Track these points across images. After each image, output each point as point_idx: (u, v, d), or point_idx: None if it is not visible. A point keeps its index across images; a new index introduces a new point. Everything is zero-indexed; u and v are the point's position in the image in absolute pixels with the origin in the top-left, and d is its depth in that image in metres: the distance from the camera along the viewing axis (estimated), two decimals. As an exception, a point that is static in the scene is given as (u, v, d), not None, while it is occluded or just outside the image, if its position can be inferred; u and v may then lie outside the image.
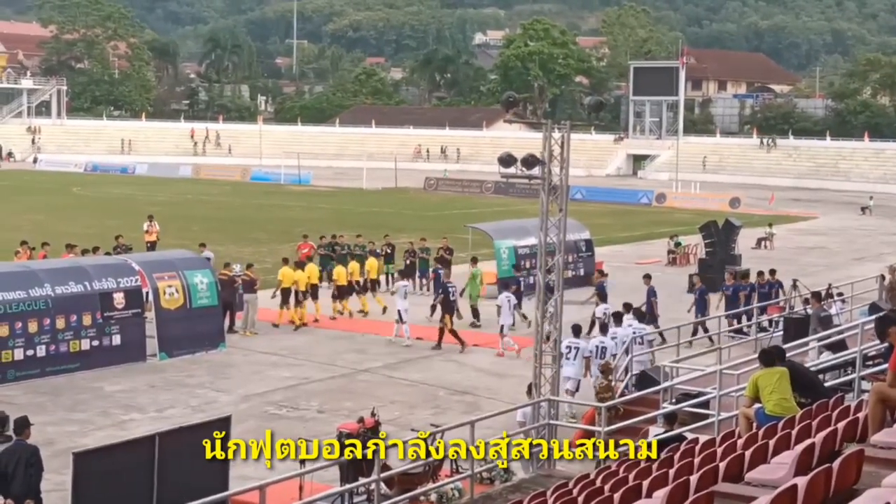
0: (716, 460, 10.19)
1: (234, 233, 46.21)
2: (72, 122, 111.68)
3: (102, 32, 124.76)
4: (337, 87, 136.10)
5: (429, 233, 39.38)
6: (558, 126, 18.33)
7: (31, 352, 22.39)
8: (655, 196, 73.10)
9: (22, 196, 65.17)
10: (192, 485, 12.65)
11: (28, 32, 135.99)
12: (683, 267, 39.81)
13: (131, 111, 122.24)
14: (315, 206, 63.31)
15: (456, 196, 74.28)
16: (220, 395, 21.71)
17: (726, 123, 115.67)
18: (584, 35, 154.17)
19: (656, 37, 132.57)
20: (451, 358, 25.47)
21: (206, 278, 26.10)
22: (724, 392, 16.01)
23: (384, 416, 17.16)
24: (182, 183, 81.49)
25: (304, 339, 27.13)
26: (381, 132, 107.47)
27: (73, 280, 23.63)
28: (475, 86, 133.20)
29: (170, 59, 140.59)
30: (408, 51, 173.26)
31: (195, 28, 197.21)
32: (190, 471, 13.24)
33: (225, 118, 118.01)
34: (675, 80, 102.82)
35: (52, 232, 39.23)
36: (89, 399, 21.14)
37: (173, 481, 12.96)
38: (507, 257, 33.85)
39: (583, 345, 20.79)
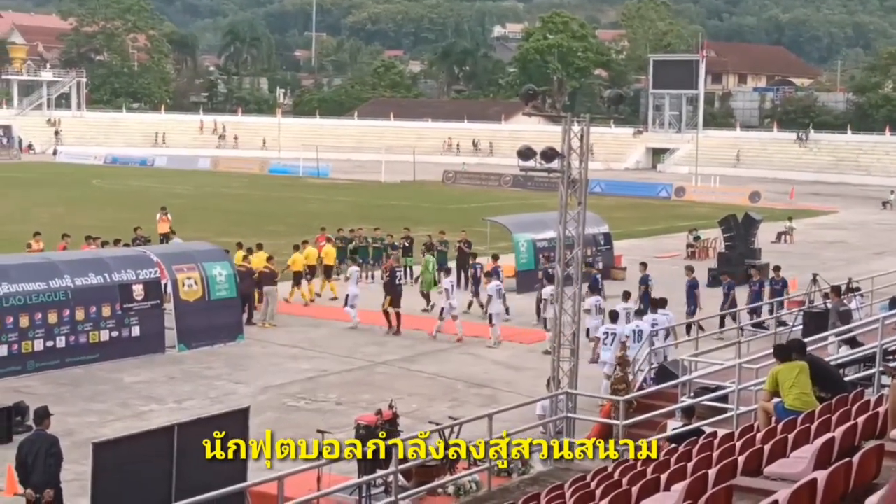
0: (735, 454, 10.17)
1: (253, 225, 46.29)
2: (91, 114, 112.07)
3: (122, 25, 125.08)
4: (355, 79, 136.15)
5: (448, 226, 39.38)
6: (577, 119, 18.29)
7: (50, 343, 22.51)
8: (675, 190, 72.87)
9: (42, 188, 65.47)
10: (210, 475, 12.69)
11: (48, 25, 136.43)
12: (703, 261, 39.67)
13: (150, 104, 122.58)
14: (333, 198, 63.38)
15: (475, 189, 74.24)
16: (239, 386, 21.78)
17: (746, 117, 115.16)
18: (604, 28, 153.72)
19: (676, 30, 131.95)
20: (468, 351, 25.48)
21: (225, 270, 26.17)
22: (743, 386, 15.97)
23: (402, 408, 17.18)
24: (201, 175, 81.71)
25: (322, 332, 27.17)
26: (400, 125, 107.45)
27: (92, 272, 23.74)
28: (494, 79, 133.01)
29: (189, 52, 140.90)
30: (426, 43, 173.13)
31: (214, 20, 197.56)
32: (208, 462, 13.27)
33: (244, 111, 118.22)
34: (695, 73, 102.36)
35: (72, 224, 39.39)
36: (109, 390, 21.24)
37: (192, 472, 13.00)
38: (526, 251, 33.82)
39: (619, 330, 21.21)
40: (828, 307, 22.65)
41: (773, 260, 38.15)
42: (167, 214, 39.05)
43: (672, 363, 19.76)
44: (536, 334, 26.49)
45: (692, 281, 28.51)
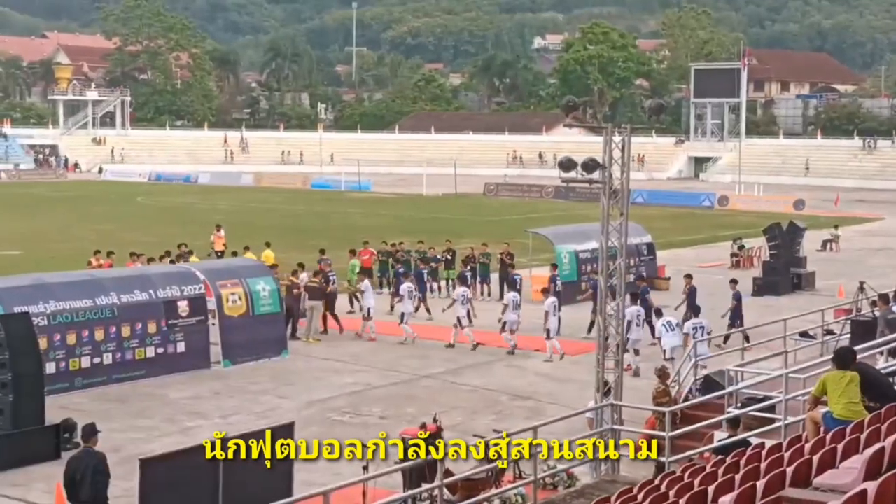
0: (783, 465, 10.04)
1: (297, 240, 46.50)
2: (136, 132, 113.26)
3: (165, 43, 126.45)
4: (396, 93, 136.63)
5: (489, 238, 39.35)
6: (619, 129, 18.22)
7: (97, 359, 22.69)
8: (718, 198, 72.39)
9: (88, 206, 66.20)
10: (257, 490, 12.74)
11: (92, 45, 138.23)
12: (747, 270, 39.38)
13: (194, 121, 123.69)
14: (375, 212, 63.56)
15: (516, 201, 74.17)
16: (284, 401, 21.84)
17: (789, 124, 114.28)
18: (644, 37, 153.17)
19: (717, 38, 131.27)
20: (512, 363, 25.42)
21: (269, 285, 26.30)
22: (790, 396, 15.79)
23: (446, 421, 17.16)
24: (244, 191, 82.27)
25: (365, 346, 27.21)
26: (441, 138, 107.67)
27: (138, 288, 23.93)
28: (534, 90, 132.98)
29: (231, 69, 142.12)
30: (466, 56, 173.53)
31: (256, 37, 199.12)
32: (254, 476, 13.32)
33: (286, 126, 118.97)
34: (737, 81, 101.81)
35: (118, 241, 39.76)
36: (155, 406, 21.38)
37: (238, 487, 13.06)
38: (569, 262, 33.71)
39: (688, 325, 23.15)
40: (875, 315, 22.38)
41: (820, 268, 37.89)
42: (221, 232, 39.39)
43: (718, 373, 19.58)
44: (580, 346, 26.36)
45: (736, 294, 28.26)
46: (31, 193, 75.62)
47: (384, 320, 28.97)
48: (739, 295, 28.32)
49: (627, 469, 16.24)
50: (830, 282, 35.74)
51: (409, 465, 14.13)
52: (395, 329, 27.88)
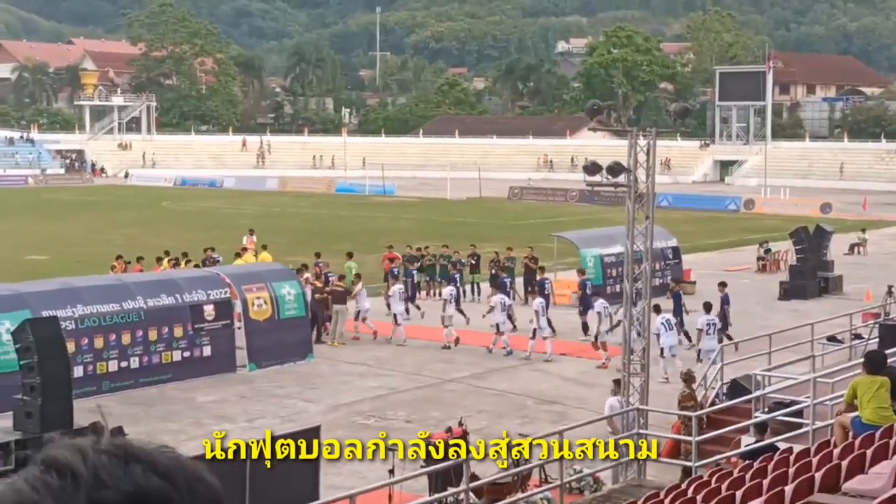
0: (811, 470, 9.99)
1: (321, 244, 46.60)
2: (161, 137, 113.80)
3: (190, 49, 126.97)
4: (420, 97, 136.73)
5: (514, 242, 39.32)
6: (643, 133, 18.19)
7: (124, 363, 22.82)
8: (743, 202, 72.06)
9: (114, 211, 66.57)
10: (283, 494, 12.77)
11: (118, 50, 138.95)
12: (774, 274, 39.20)
13: (218, 126, 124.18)
14: (400, 216, 63.62)
15: (540, 205, 74.08)
16: (309, 405, 21.89)
17: (815, 127, 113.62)
18: (669, 41, 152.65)
19: (742, 41, 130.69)
20: (538, 367, 25.38)
21: (294, 289, 26.37)
22: (818, 400, 15.71)
23: (472, 425, 17.16)
24: (268, 196, 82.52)
25: (391, 350, 27.24)
26: (464, 142, 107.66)
27: (164, 292, 24.05)
28: (558, 94, 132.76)
29: (255, 74, 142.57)
30: (490, 60, 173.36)
31: (280, 42, 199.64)
32: (281, 480, 13.35)
33: (310, 131, 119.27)
34: (763, 84, 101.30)
35: (144, 245, 39.98)
36: (181, 409, 21.47)
37: (265, 490, 13.09)
38: (594, 266, 33.65)
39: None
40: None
41: (847, 271, 37.67)
42: (254, 237, 39.53)
43: (745, 378, 19.51)
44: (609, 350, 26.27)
45: (724, 296, 28.08)
46: (59, 198, 76.11)
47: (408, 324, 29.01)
48: (727, 297, 28.07)
49: (654, 473, 16.20)
50: (858, 285, 35.53)
51: (434, 469, 14.13)
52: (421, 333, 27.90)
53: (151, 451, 1.46)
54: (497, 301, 27.32)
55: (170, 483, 1.43)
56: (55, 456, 1.42)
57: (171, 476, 1.44)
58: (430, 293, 34.10)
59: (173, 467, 1.45)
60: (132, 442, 1.47)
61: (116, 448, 1.44)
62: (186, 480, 1.45)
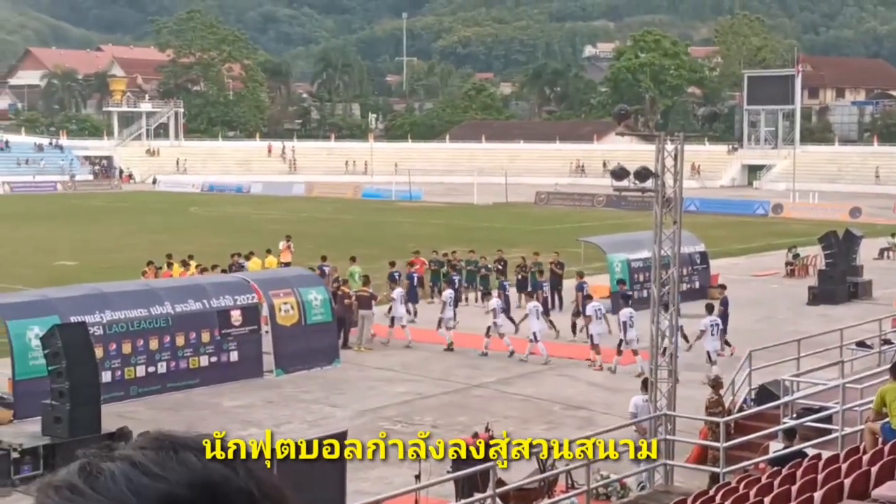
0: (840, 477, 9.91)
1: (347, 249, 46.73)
2: (189, 143, 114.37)
3: (217, 55, 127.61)
4: (446, 103, 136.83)
5: (541, 247, 39.26)
6: (671, 138, 18.12)
7: (152, 368, 22.93)
8: (772, 206, 71.66)
9: (142, 216, 66.93)
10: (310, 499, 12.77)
11: (146, 57, 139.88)
12: (802, 279, 38.95)
13: (246, 132, 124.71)
14: (426, 221, 63.65)
15: (567, 210, 73.92)
16: (336, 410, 21.91)
17: (845, 131, 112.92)
18: (697, 45, 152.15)
19: (771, 45, 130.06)
20: (564, 373, 25.31)
21: (321, 295, 26.42)
22: (847, 406, 15.58)
23: (498, 431, 17.11)
24: (295, 201, 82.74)
25: (417, 355, 27.24)
26: (491, 147, 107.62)
27: (192, 298, 24.15)
28: (585, 99, 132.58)
29: (282, 80, 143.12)
30: (517, 65, 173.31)
31: (307, 48, 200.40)
32: (308, 485, 13.36)
33: (336, 136, 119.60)
34: (791, 88, 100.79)
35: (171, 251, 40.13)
36: (208, 414, 21.54)
37: (291, 496, 13.09)
38: (621, 271, 33.54)
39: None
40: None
41: (877, 276, 37.39)
42: (290, 242, 39.58)
43: (773, 383, 19.38)
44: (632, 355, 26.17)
45: (724, 299, 27.93)
46: (87, 204, 76.61)
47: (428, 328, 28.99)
48: (727, 300, 27.90)
49: (681, 479, 16.12)
50: (888, 291, 35.25)
51: (461, 475, 14.10)
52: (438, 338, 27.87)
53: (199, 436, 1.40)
54: (530, 308, 27.34)
55: (231, 469, 1.36)
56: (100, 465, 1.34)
57: (230, 461, 1.37)
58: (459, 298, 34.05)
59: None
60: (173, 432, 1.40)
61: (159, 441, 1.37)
62: (245, 465, 1.38)
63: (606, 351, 25.71)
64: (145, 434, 1.40)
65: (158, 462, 1.33)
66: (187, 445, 1.36)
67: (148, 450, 1.35)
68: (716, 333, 24.81)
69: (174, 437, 1.37)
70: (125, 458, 1.35)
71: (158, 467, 1.32)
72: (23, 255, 46.26)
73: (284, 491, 1.42)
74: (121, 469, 1.33)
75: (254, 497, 1.36)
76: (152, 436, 1.38)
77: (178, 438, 1.37)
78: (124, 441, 8.16)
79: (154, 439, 1.37)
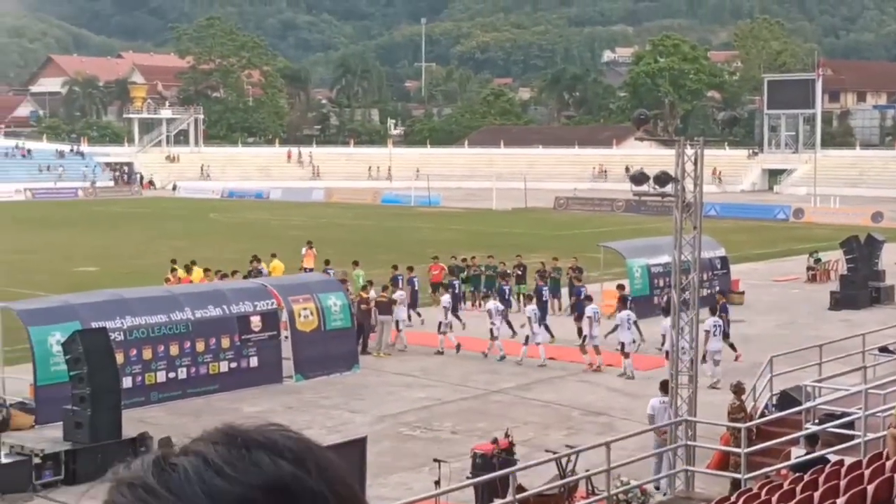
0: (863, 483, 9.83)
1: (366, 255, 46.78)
2: (208, 149, 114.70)
3: (237, 62, 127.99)
4: (465, 108, 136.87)
5: (560, 252, 39.19)
6: (691, 142, 18.06)
7: (172, 374, 22.99)
8: (793, 211, 71.37)
9: (162, 223, 67.16)
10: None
11: (166, 64, 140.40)
12: (824, 283, 38.75)
13: (265, 138, 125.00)
14: (445, 227, 63.63)
15: (587, 215, 73.80)
16: (355, 415, 21.91)
17: (866, 135, 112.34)
18: (716, 49, 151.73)
19: (791, 49, 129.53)
20: (584, 378, 25.25)
21: (340, 300, 26.44)
22: (870, 412, 15.48)
23: (518, 437, 17.09)
24: (315, 207, 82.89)
25: (436, 360, 27.22)
26: (510, 152, 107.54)
27: (211, 304, 24.20)
28: (604, 104, 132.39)
29: (302, 86, 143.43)
30: (535, 70, 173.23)
31: (326, 54, 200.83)
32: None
33: (355, 142, 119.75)
34: (812, 92, 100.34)
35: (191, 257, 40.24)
36: (228, 420, 21.49)
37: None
38: (640, 276, 33.45)
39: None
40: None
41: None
42: (313, 248, 39.65)
43: (795, 389, 19.29)
44: (653, 361, 26.11)
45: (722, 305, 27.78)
46: (108, 211, 76.95)
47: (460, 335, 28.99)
48: (725, 306, 27.77)
49: (702, 485, 16.05)
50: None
51: (480, 480, 14.08)
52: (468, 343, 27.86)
53: (270, 433, 1.34)
54: (530, 312, 27.47)
55: (303, 469, 1.30)
56: (173, 461, 1.30)
57: (302, 460, 1.31)
58: (476, 304, 34.03)
59: (301, 450, 1.32)
60: (244, 426, 1.34)
61: (231, 437, 1.32)
62: (317, 463, 1.31)
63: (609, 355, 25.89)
64: (218, 427, 1.37)
65: (230, 461, 1.29)
66: (259, 443, 1.32)
67: (220, 445, 1.31)
68: (717, 334, 24.82)
69: (247, 433, 1.34)
70: (198, 454, 1.31)
71: (230, 467, 1.28)
72: (44, 261, 46.49)
73: (356, 488, 1.36)
74: (194, 466, 1.30)
75: (326, 498, 1.31)
76: (224, 430, 1.34)
77: (250, 436, 1.33)
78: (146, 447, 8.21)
79: (226, 434, 1.33)
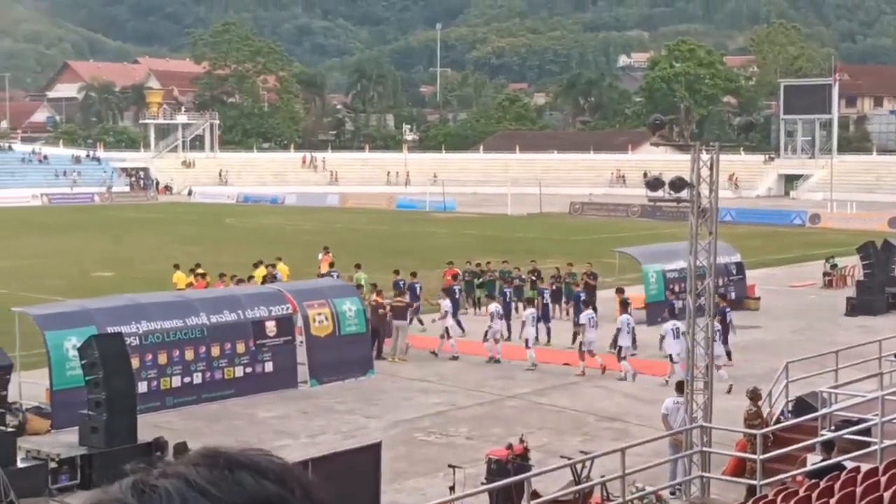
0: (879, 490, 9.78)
1: (381, 260, 46.80)
2: (224, 154, 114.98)
3: (253, 67, 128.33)
4: (480, 113, 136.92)
5: (575, 258, 39.14)
6: (706, 148, 18.02)
7: (187, 379, 23.03)
8: (809, 217, 71.12)
9: (178, 228, 67.33)
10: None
11: (182, 69, 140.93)
12: (840, 289, 38.60)
13: (280, 143, 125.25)
14: (460, 232, 63.63)
15: (602, 220, 73.69)
16: (370, 421, 21.91)
17: (883, 140, 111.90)
18: (732, 54, 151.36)
19: (807, 54, 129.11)
20: (599, 384, 25.20)
21: (355, 305, 26.46)
22: (886, 419, 15.40)
23: (533, 442, 17.06)
24: (329, 212, 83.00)
25: (452, 366, 27.21)
26: (525, 157, 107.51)
27: (227, 309, 24.25)
28: (619, 109, 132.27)
29: (317, 91, 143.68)
30: (551, 76, 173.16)
31: (341, 59, 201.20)
32: (343, 496, 13.35)
33: (371, 147, 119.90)
34: (828, 97, 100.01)
35: (206, 262, 40.33)
36: (243, 425, 21.60)
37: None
38: (656, 281, 33.38)
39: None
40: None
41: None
42: (329, 253, 39.68)
43: (811, 395, 19.20)
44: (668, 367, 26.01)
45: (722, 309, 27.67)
46: (124, 216, 77.17)
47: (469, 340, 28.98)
48: (725, 311, 27.64)
49: (718, 492, 15.99)
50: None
51: (495, 486, 14.06)
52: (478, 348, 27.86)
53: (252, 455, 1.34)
54: (528, 315, 27.65)
55: (285, 488, 1.31)
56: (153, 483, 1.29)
57: (284, 480, 1.31)
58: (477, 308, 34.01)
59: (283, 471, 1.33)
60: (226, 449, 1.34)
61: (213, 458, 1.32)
62: (300, 484, 1.33)
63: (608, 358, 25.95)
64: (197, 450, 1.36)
65: (213, 481, 1.28)
66: (241, 464, 1.31)
67: (202, 467, 1.30)
68: (718, 339, 24.69)
69: (228, 454, 1.32)
70: (179, 476, 1.30)
71: (214, 487, 1.27)
72: (59, 266, 46.65)
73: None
74: (176, 488, 1.28)
75: None
76: (205, 452, 1.33)
77: (232, 456, 1.32)
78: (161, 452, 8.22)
79: (207, 456, 1.32)
